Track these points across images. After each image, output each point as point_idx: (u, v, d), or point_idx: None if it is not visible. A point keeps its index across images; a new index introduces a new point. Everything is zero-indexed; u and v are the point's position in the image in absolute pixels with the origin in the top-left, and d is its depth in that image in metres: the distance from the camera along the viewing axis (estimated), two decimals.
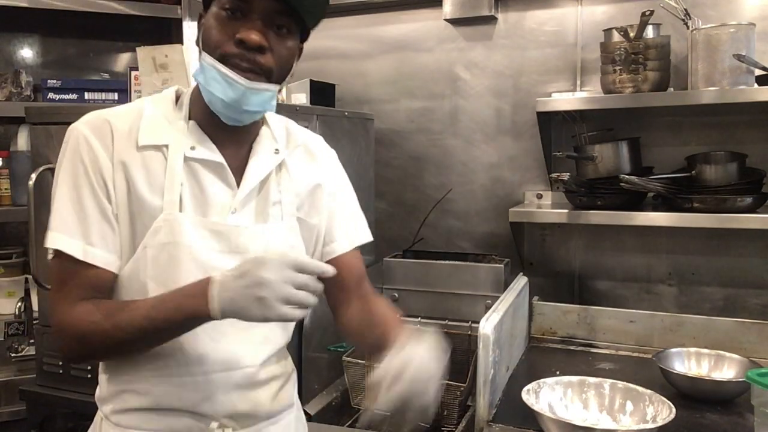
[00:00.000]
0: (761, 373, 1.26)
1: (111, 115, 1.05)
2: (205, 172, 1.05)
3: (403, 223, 2.37)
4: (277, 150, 1.13)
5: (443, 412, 1.68)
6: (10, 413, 2.06)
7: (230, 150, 1.08)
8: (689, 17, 1.83)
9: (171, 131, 1.05)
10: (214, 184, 1.06)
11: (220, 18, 0.99)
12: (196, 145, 1.05)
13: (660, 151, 2.03)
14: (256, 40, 0.97)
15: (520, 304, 1.87)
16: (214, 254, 1.03)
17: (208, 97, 1.02)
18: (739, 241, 1.97)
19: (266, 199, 1.10)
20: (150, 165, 1.03)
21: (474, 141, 2.29)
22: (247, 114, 1.03)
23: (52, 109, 2.08)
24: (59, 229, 1.00)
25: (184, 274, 1.01)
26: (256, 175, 1.09)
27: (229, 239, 1.05)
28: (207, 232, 1.04)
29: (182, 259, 1.01)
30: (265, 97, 1.03)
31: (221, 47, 0.99)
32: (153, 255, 1.01)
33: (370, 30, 2.40)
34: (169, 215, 1.02)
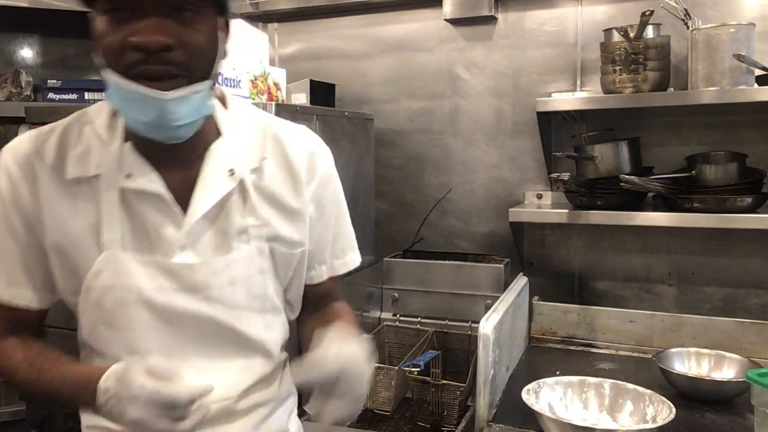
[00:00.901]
0: (761, 373, 1.26)
1: (36, 141, 0.93)
2: (144, 205, 0.91)
3: (403, 223, 2.37)
4: (232, 171, 0.94)
5: (443, 412, 1.68)
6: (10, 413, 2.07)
7: (176, 173, 0.92)
8: (689, 17, 1.83)
9: (103, 157, 0.91)
10: (157, 219, 0.91)
11: (106, 21, 0.82)
12: (132, 172, 0.90)
13: (660, 151, 2.03)
14: (155, 42, 0.80)
15: (520, 304, 1.87)
16: (168, 294, 0.91)
17: (128, 122, 0.88)
18: (739, 241, 1.97)
19: (227, 230, 0.94)
20: (81, 200, 0.90)
21: (474, 141, 2.29)
22: (180, 129, 0.86)
23: (52, 109, 2.08)
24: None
25: (136, 318, 0.91)
26: (204, 205, 0.92)
27: (182, 278, 0.91)
28: (156, 270, 0.91)
29: (130, 301, 0.90)
30: (194, 102, 0.85)
31: (120, 57, 0.81)
32: (97, 298, 0.91)
33: (370, 30, 2.40)
34: (110, 255, 0.90)
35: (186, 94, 0.83)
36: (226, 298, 0.94)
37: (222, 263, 0.93)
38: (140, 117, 0.84)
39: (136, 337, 0.92)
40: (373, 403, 1.77)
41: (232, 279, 0.94)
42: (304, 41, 2.49)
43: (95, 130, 0.93)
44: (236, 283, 0.94)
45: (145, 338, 0.92)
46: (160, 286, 0.91)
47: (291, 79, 2.08)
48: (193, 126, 0.88)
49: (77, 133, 0.93)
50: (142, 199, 0.91)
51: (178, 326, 0.93)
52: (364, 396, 0.92)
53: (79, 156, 0.91)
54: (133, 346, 0.92)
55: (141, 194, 0.91)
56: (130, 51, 0.81)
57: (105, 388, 0.83)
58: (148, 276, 0.90)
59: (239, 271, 0.94)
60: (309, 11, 2.43)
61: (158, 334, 0.92)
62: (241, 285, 0.95)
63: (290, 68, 2.17)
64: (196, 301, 0.92)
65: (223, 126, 0.96)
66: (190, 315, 0.92)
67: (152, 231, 0.92)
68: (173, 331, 0.93)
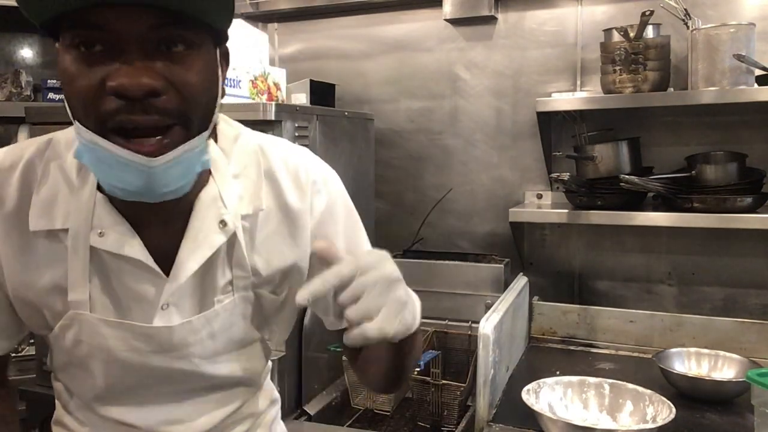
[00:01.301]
0: (761, 373, 1.26)
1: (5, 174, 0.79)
2: (119, 266, 0.79)
3: (403, 223, 2.37)
4: (223, 222, 0.80)
5: (443, 412, 1.68)
6: None
7: (156, 228, 0.79)
8: (689, 17, 1.83)
9: (71, 207, 0.77)
10: (133, 282, 0.79)
11: (75, 59, 0.67)
12: (105, 230, 0.76)
13: (660, 151, 2.03)
14: (138, 86, 0.64)
15: (520, 304, 1.87)
16: (144, 354, 0.82)
17: (106, 187, 0.72)
18: (739, 241, 1.97)
19: (211, 285, 0.83)
20: (45, 254, 0.79)
21: (474, 141, 2.29)
22: (169, 194, 0.72)
23: (52, 109, 2.08)
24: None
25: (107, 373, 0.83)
26: (189, 268, 0.80)
27: (158, 341, 0.81)
28: (128, 334, 0.81)
29: (101, 360, 0.82)
30: (189, 161, 0.71)
31: (93, 106, 0.66)
32: (67, 347, 0.83)
33: (370, 30, 2.40)
34: (77, 314, 0.79)
35: (178, 155, 0.69)
36: (204, 351, 0.85)
37: (203, 320, 0.83)
38: (118, 184, 0.69)
39: (108, 388, 0.85)
40: (373, 403, 1.77)
41: (212, 333, 0.84)
42: (304, 41, 2.49)
43: (64, 171, 0.79)
44: (216, 335, 0.85)
45: (118, 387, 0.85)
46: (133, 348, 0.81)
47: (291, 79, 2.08)
48: (186, 187, 0.74)
49: (42, 172, 0.79)
50: (118, 260, 0.78)
51: (154, 379, 0.85)
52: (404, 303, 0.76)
53: (44, 204, 0.78)
54: (104, 393, 0.86)
55: (116, 256, 0.78)
56: (107, 98, 0.65)
57: None
58: (119, 339, 0.81)
59: (221, 324, 0.85)
60: (309, 11, 2.43)
61: (131, 386, 0.85)
62: (222, 335, 0.85)
63: (290, 68, 2.17)
64: (171, 360, 0.83)
65: (213, 168, 0.81)
66: (166, 372, 0.84)
67: (128, 294, 0.80)
68: (145, 385, 0.86)
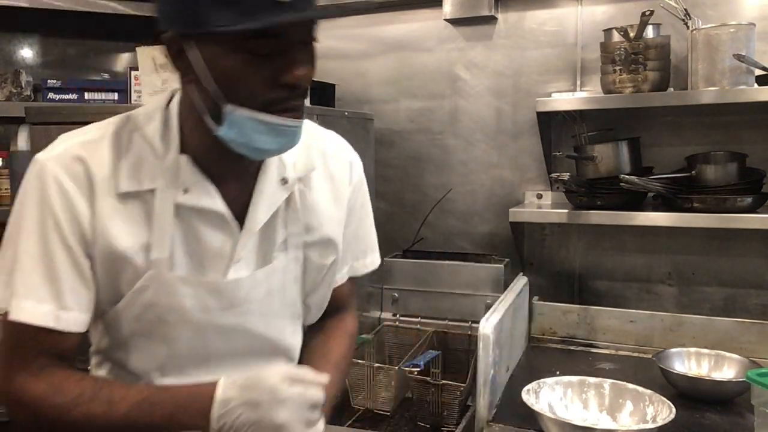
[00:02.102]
0: (761, 373, 1.26)
1: (86, 150, 0.87)
2: (200, 220, 0.89)
3: (403, 223, 2.37)
4: (284, 179, 0.95)
5: (443, 412, 1.68)
6: None
7: (232, 185, 0.92)
8: (689, 17, 1.83)
9: (158, 170, 0.87)
10: (212, 235, 0.90)
11: (246, 62, 0.79)
12: (189, 187, 0.87)
13: (660, 151, 2.03)
14: (308, 79, 0.82)
15: (520, 304, 1.87)
16: (212, 313, 0.91)
17: (246, 150, 0.85)
18: (739, 241, 1.97)
19: (271, 240, 0.95)
20: (133, 214, 0.87)
21: (474, 141, 2.29)
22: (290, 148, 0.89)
23: (52, 109, 2.08)
24: (25, 294, 0.84)
25: (175, 335, 0.91)
26: (261, 218, 0.93)
27: (228, 297, 0.92)
28: (203, 290, 0.90)
29: (171, 321, 0.90)
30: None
31: (263, 95, 0.81)
32: (137, 313, 0.89)
33: (370, 30, 2.40)
34: (157, 275, 0.87)
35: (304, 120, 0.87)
36: (262, 308, 0.95)
37: (263, 274, 0.94)
38: (271, 147, 0.84)
39: (170, 350, 0.92)
40: (373, 403, 1.77)
41: (269, 289, 0.95)
42: None
43: (147, 139, 0.89)
44: (273, 293, 0.96)
45: (179, 352, 0.93)
46: (204, 306, 0.90)
47: None
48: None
49: (127, 141, 0.88)
50: (199, 215, 0.89)
51: (214, 340, 0.93)
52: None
53: (132, 167, 0.87)
54: (165, 359, 0.92)
55: (199, 211, 0.89)
56: (277, 88, 0.80)
57: (227, 398, 0.82)
58: (193, 297, 0.89)
59: (276, 281, 0.96)
60: None
61: (194, 348, 0.93)
62: (277, 294, 0.97)
63: None
64: (235, 316, 0.93)
65: None
66: (229, 329, 0.93)
67: (206, 248, 0.90)
68: (208, 344, 0.93)
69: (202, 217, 0.89)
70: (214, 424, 0.82)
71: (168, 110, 0.91)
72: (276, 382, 0.82)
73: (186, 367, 0.94)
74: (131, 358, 0.93)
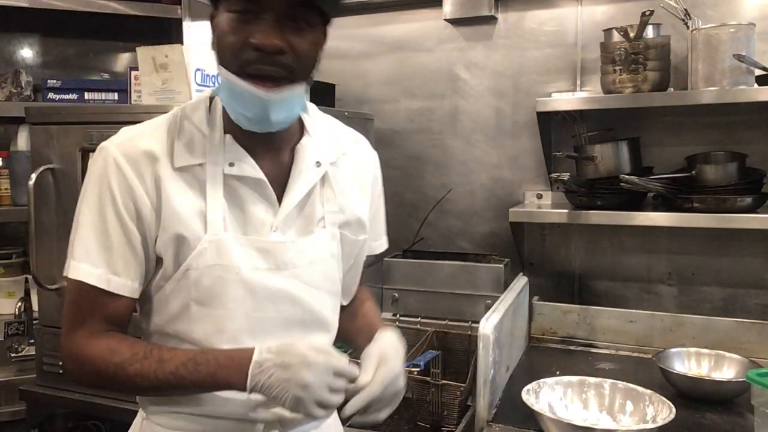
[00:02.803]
0: (761, 373, 1.26)
1: (144, 137, 1.01)
2: (245, 189, 1.02)
3: (403, 223, 2.37)
4: (318, 163, 1.07)
5: (443, 412, 1.68)
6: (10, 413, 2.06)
7: (269, 162, 1.04)
8: (689, 17, 1.83)
9: (207, 147, 1.01)
10: (254, 203, 1.02)
11: (230, 22, 0.93)
12: (234, 161, 1.00)
13: (660, 151, 2.03)
14: (273, 45, 0.91)
15: (520, 304, 1.87)
16: (261, 273, 1.01)
17: (233, 115, 0.99)
18: (739, 241, 1.97)
19: (310, 216, 1.07)
20: (188, 186, 0.99)
21: (474, 141, 2.29)
22: (277, 124, 0.99)
23: (52, 109, 2.08)
24: (82, 259, 0.97)
25: (231, 295, 0.99)
26: (299, 192, 1.04)
27: (275, 256, 1.02)
28: (253, 250, 1.01)
29: (228, 280, 0.99)
30: (292, 103, 0.98)
31: (237, 56, 0.92)
32: (196, 277, 0.99)
33: (370, 30, 2.40)
34: (214, 236, 0.98)
35: (287, 96, 0.95)
36: (306, 276, 1.04)
37: (306, 243, 1.04)
38: (244, 111, 0.96)
39: (227, 314, 1.00)
40: None
41: (312, 259, 1.05)
42: None
43: (195, 124, 1.02)
44: (315, 263, 1.05)
45: (235, 315, 1.00)
46: (255, 266, 1.00)
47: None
48: (289, 120, 1.01)
49: (179, 128, 1.02)
50: (244, 184, 1.01)
51: (265, 303, 1.01)
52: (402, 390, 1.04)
53: (184, 147, 1.00)
54: (222, 325, 1.00)
55: (243, 180, 1.01)
56: (249, 50, 0.91)
57: (262, 359, 0.92)
58: (245, 256, 1.00)
59: (317, 253, 1.06)
60: None
61: (245, 313, 1.00)
62: (319, 265, 1.06)
63: None
64: (282, 279, 1.02)
65: (307, 126, 1.09)
66: (277, 293, 1.02)
67: (251, 213, 1.01)
68: (258, 308, 1.01)
69: (247, 187, 1.01)
70: (250, 381, 0.92)
71: (214, 99, 1.05)
72: (304, 349, 0.93)
73: (240, 335, 1.00)
74: (189, 328, 1.01)
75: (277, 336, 1.01)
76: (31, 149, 1.86)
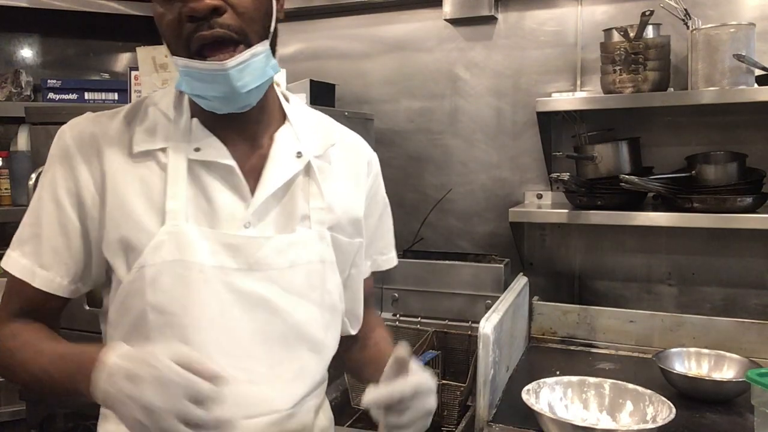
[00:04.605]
0: (761, 373, 1.26)
1: (104, 119, 0.93)
2: (212, 178, 0.89)
3: (403, 223, 2.37)
4: (299, 153, 0.95)
5: (443, 412, 1.68)
6: (10, 413, 2.06)
7: (243, 149, 0.92)
8: (689, 17, 1.83)
9: (171, 131, 0.90)
10: (222, 193, 0.89)
11: (163, 4, 0.84)
12: (200, 146, 0.89)
13: (660, 151, 2.03)
14: (204, 6, 0.80)
15: (520, 304, 1.87)
16: (231, 273, 0.87)
17: (203, 103, 0.89)
18: (739, 241, 1.97)
19: (291, 212, 0.93)
20: (146, 174, 0.89)
21: (474, 141, 2.29)
22: (251, 95, 0.88)
23: (52, 109, 2.08)
24: (15, 246, 0.91)
25: (195, 298, 0.85)
26: (274, 182, 0.91)
27: (246, 254, 0.88)
28: (220, 246, 0.87)
29: (192, 279, 0.85)
30: (258, 65, 0.86)
31: (179, 35, 0.83)
32: (153, 276, 0.85)
33: (370, 30, 2.40)
34: (173, 227, 0.86)
35: (247, 58, 0.84)
36: (286, 281, 0.90)
37: (284, 242, 0.91)
38: (210, 92, 0.85)
39: (191, 323, 0.85)
40: None
41: (292, 261, 0.91)
42: (304, 41, 2.49)
43: (161, 109, 0.93)
44: (298, 266, 0.91)
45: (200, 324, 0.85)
46: (222, 264, 0.87)
47: (291, 79, 2.08)
48: (262, 89, 0.89)
49: (143, 113, 0.93)
50: (211, 170, 0.89)
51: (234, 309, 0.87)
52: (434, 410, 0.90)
53: (146, 131, 0.91)
54: (186, 336, 0.85)
55: (210, 166, 0.89)
56: (185, 24, 0.82)
57: (111, 363, 0.73)
58: (211, 252, 0.87)
59: (299, 254, 0.92)
60: (309, 11, 2.43)
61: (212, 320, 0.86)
62: (301, 269, 0.92)
63: (290, 68, 2.17)
64: (255, 281, 0.88)
65: (288, 113, 0.98)
66: (249, 297, 0.88)
67: (218, 205, 0.89)
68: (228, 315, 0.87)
69: (215, 174, 0.90)
70: (96, 390, 0.73)
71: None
72: (163, 358, 0.71)
73: (209, 349, 0.85)
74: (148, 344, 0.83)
75: (255, 353, 0.88)
76: (31, 149, 1.87)
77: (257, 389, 0.88)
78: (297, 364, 0.93)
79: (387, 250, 1.13)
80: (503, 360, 1.63)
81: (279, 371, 0.90)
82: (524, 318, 1.98)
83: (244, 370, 0.87)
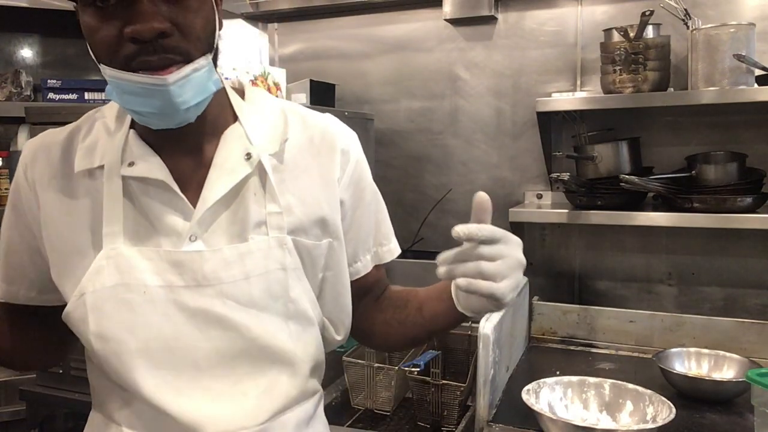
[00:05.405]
0: (761, 373, 1.26)
1: (51, 138, 0.91)
2: (150, 193, 0.84)
3: (403, 223, 2.37)
4: (249, 155, 0.86)
5: (443, 412, 1.68)
6: (10, 413, 2.06)
7: (185, 161, 0.86)
8: (689, 17, 1.83)
9: (109, 147, 0.85)
10: (162, 210, 0.84)
11: (95, 15, 0.75)
12: (135, 160, 0.84)
13: (660, 151, 2.03)
14: (151, 30, 0.73)
15: (520, 304, 1.87)
16: (179, 291, 0.82)
17: (137, 118, 0.82)
18: (739, 241, 1.97)
19: (243, 220, 0.85)
20: (83, 194, 0.85)
21: (474, 141, 2.29)
22: (189, 111, 0.80)
23: (52, 109, 2.08)
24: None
25: (142, 322, 0.81)
26: (217, 191, 0.84)
27: (192, 269, 0.82)
28: (164, 264, 0.82)
29: (136, 302, 0.81)
30: (199, 80, 0.78)
31: (115, 52, 0.75)
32: (93, 303, 0.81)
33: (370, 30, 2.40)
34: (111, 250, 0.82)
35: (188, 73, 0.77)
36: (240, 294, 0.83)
37: (235, 253, 0.83)
38: (145, 108, 0.78)
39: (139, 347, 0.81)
40: (373, 403, 1.77)
41: (246, 273, 0.83)
42: (304, 41, 2.49)
43: (105, 123, 0.88)
44: (252, 277, 0.84)
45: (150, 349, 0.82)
46: (169, 283, 0.82)
47: (291, 79, 2.08)
48: (201, 106, 0.81)
49: (87, 129, 0.89)
50: (146, 187, 0.84)
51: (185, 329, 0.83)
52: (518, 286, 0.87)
53: (87, 149, 0.87)
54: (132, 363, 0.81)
55: (144, 182, 0.83)
56: (126, 43, 0.74)
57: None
58: (154, 271, 0.81)
59: (255, 264, 0.84)
60: (309, 11, 2.43)
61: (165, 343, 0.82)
62: (258, 280, 0.84)
63: (290, 68, 2.17)
64: (205, 298, 0.82)
65: (239, 112, 0.89)
66: (200, 314, 0.82)
67: (158, 221, 0.83)
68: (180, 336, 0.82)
69: (150, 190, 0.84)
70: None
71: None
72: None
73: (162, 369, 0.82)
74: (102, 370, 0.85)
75: (215, 372, 0.83)
76: None
77: (219, 407, 0.84)
78: (263, 379, 0.87)
79: (386, 240, 1.04)
80: (503, 360, 1.63)
81: (243, 388, 0.85)
82: (524, 318, 1.98)
83: (205, 389, 0.84)
